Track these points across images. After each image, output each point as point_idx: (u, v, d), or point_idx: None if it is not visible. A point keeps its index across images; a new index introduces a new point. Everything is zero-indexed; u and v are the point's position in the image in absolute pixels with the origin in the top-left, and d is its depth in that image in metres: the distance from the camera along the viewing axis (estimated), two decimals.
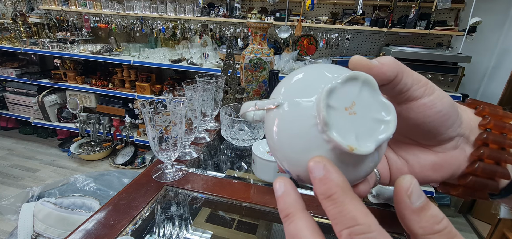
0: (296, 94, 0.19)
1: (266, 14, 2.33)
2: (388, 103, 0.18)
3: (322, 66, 0.20)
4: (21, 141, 2.74)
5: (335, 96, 0.17)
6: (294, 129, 0.19)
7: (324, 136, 0.17)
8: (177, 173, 0.66)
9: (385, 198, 0.58)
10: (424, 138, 0.24)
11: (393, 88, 0.21)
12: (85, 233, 0.49)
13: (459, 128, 0.23)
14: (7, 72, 2.56)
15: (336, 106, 0.17)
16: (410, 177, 0.17)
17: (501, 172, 0.22)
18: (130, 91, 2.42)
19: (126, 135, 2.48)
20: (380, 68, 0.20)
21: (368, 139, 0.18)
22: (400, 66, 0.20)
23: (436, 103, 0.21)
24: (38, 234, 0.94)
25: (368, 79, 0.18)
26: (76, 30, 2.67)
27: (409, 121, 0.23)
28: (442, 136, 0.23)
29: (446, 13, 2.10)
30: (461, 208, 2.03)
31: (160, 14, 2.39)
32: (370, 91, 0.18)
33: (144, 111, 0.57)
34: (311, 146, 0.18)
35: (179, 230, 0.60)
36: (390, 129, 0.18)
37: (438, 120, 0.22)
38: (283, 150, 0.20)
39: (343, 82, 0.18)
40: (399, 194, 0.17)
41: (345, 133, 0.17)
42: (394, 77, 0.20)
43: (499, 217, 1.40)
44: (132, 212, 0.54)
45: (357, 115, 0.18)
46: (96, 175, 1.41)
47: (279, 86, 0.21)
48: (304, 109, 0.18)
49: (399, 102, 0.22)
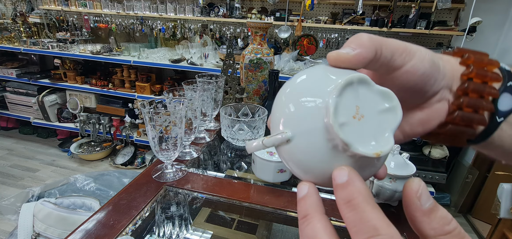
0: (302, 123, 0.19)
1: (266, 14, 2.33)
2: (385, 90, 0.19)
3: (311, 78, 0.20)
4: (21, 141, 2.74)
5: (341, 111, 0.17)
6: (312, 157, 0.19)
7: (347, 153, 0.17)
8: (177, 173, 0.66)
9: (385, 198, 0.58)
10: (411, 100, 0.24)
11: (374, 64, 0.21)
12: (85, 233, 0.49)
13: (442, 81, 0.23)
14: (7, 72, 2.56)
15: (346, 121, 0.17)
16: (418, 180, 0.17)
17: (478, 119, 0.23)
18: (130, 91, 2.42)
19: (126, 135, 2.48)
20: (360, 55, 0.19)
21: (384, 134, 0.18)
22: (377, 42, 0.20)
23: (418, 67, 0.21)
24: (38, 234, 0.94)
25: (360, 78, 0.18)
26: (76, 30, 2.67)
27: (395, 88, 0.23)
28: (427, 94, 0.23)
29: (446, 13, 2.10)
30: (461, 208, 2.03)
31: (160, 14, 2.39)
32: (366, 87, 0.18)
33: (144, 111, 0.57)
34: (333, 163, 0.18)
35: (179, 230, 0.60)
36: (398, 114, 0.19)
37: (422, 81, 0.22)
38: (305, 174, 0.20)
39: (341, 94, 0.17)
40: (408, 196, 0.17)
41: (365, 140, 0.18)
42: (373, 56, 0.20)
43: (499, 217, 1.39)
44: (132, 212, 0.54)
45: (365, 118, 0.18)
46: (96, 175, 1.41)
47: (277, 112, 0.21)
48: (317, 137, 0.18)
49: (383, 75, 0.22)
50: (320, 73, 0.20)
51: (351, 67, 0.20)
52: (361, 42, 0.20)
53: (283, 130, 0.20)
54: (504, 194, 1.33)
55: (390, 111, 0.19)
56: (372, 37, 0.20)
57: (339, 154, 0.18)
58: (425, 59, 0.21)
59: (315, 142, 0.18)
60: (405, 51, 0.21)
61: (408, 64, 0.21)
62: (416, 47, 0.22)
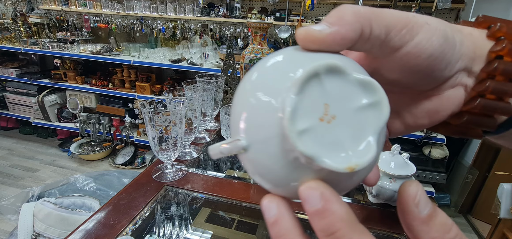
0: (256, 129, 0.15)
1: (266, 14, 2.33)
2: (365, 79, 0.14)
3: (273, 66, 0.16)
4: (21, 141, 2.74)
5: (301, 114, 0.13)
6: (274, 170, 0.15)
7: (313, 167, 0.14)
8: (177, 173, 0.66)
9: (385, 198, 0.58)
10: (414, 86, 0.19)
11: (362, 46, 0.16)
12: (85, 233, 0.49)
13: (458, 63, 0.18)
14: (7, 72, 2.56)
15: (309, 126, 0.13)
16: (415, 184, 0.15)
17: (503, 108, 0.18)
18: (130, 91, 2.42)
19: (126, 135, 2.48)
20: (337, 34, 0.15)
21: (364, 139, 0.14)
22: (364, 17, 0.15)
23: (424, 47, 0.16)
24: (38, 234, 0.95)
25: (329, 66, 0.14)
26: (76, 30, 2.67)
27: (393, 73, 0.19)
28: (437, 79, 0.18)
29: (446, 13, 2.10)
30: (461, 208, 2.03)
31: (160, 14, 2.39)
32: (339, 78, 0.14)
33: (144, 111, 0.57)
34: (299, 178, 0.15)
35: (179, 230, 0.60)
36: (384, 111, 0.14)
37: (429, 65, 0.17)
38: (272, 188, 0.16)
39: (300, 90, 0.13)
40: (405, 203, 0.15)
41: (335, 149, 0.14)
42: (358, 36, 0.15)
43: (499, 217, 1.39)
44: (132, 212, 0.54)
45: (338, 119, 0.14)
46: (96, 175, 1.41)
47: (235, 109, 0.17)
48: (275, 147, 0.14)
49: (378, 57, 0.18)
50: (285, 59, 0.16)
51: (328, 50, 0.16)
52: (341, 16, 0.15)
53: (238, 136, 0.16)
54: (504, 194, 1.34)
55: (373, 108, 0.14)
56: (358, 10, 0.15)
57: (304, 167, 0.14)
58: (434, 35, 0.16)
59: (274, 154, 0.15)
60: (405, 26, 0.16)
61: (410, 44, 0.16)
62: (424, 19, 0.17)
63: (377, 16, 0.16)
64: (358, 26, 0.15)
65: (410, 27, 0.16)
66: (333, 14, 0.16)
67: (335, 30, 0.15)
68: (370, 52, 0.17)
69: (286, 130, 0.13)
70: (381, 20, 0.16)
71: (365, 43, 0.16)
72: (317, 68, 0.14)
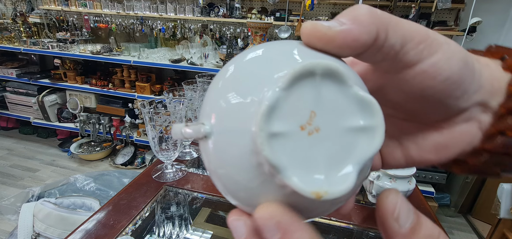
0: (225, 116, 0.13)
1: (266, 14, 2.33)
2: (366, 97, 0.12)
3: (264, 54, 0.14)
4: (21, 141, 2.74)
5: (281, 113, 0.11)
6: (232, 170, 0.13)
7: (276, 181, 0.12)
8: (177, 173, 0.66)
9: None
10: (423, 113, 0.17)
11: (373, 55, 0.14)
12: (85, 233, 0.49)
13: (475, 95, 0.16)
14: (7, 72, 2.56)
15: (284, 131, 0.12)
16: (394, 194, 0.13)
17: None
18: (130, 91, 2.42)
19: (126, 135, 2.48)
20: (348, 34, 0.13)
21: (343, 166, 0.12)
22: (380, 20, 0.13)
23: (441, 68, 0.14)
24: (38, 234, 0.94)
25: (329, 69, 0.12)
26: (76, 30, 2.67)
27: (401, 94, 0.17)
28: (449, 109, 0.16)
29: (446, 13, 2.10)
30: (461, 208, 2.03)
31: (160, 14, 2.39)
32: (337, 86, 0.12)
33: (144, 111, 0.57)
34: (259, 189, 0.13)
35: (179, 230, 0.60)
36: (376, 140, 0.12)
37: (445, 90, 0.15)
38: (228, 195, 0.15)
39: (289, 86, 0.11)
40: (383, 218, 0.13)
41: (308, 168, 0.12)
42: (372, 40, 0.13)
43: (499, 217, 1.39)
44: (132, 212, 0.54)
45: (321, 133, 0.12)
46: (96, 175, 1.41)
47: (210, 90, 0.15)
48: (241, 143, 0.12)
49: (387, 72, 0.16)
50: (282, 48, 0.14)
51: (333, 52, 0.14)
52: (356, 15, 0.13)
53: (203, 120, 0.14)
54: (504, 194, 1.34)
55: (365, 133, 0.12)
56: (375, 12, 0.13)
57: (267, 179, 0.12)
58: (454, 56, 0.14)
59: (237, 151, 0.12)
60: (424, 41, 0.14)
61: (426, 61, 0.14)
62: (444, 38, 0.15)
63: (395, 23, 0.14)
64: (373, 29, 0.13)
65: (429, 43, 0.14)
66: (346, 12, 0.14)
67: (347, 29, 0.13)
68: (380, 65, 0.15)
69: (256, 126, 0.11)
70: (399, 28, 0.14)
71: (377, 53, 0.14)
72: (315, 67, 0.12)
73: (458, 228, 1.91)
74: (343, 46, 0.13)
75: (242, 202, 0.14)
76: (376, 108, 0.12)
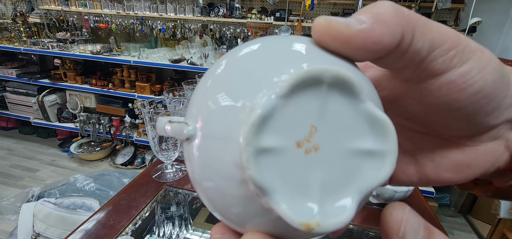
0: (212, 119, 0.11)
1: (266, 14, 2.33)
2: (381, 117, 0.10)
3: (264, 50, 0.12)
4: (21, 141, 2.74)
5: (275, 125, 0.10)
6: (216, 183, 0.12)
7: (263, 203, 0.10)
8: (177, 173, 0.66)
9: (385, 198, 0.58)
10: (446, 129, 0.15)
11: (395, 61, 0.12)
12: (85, 233, 0.49)
13: (507, 111, 0.14)
14: (7, 72, 2.56)
15: (277, 147, 0.10)
16: (399, 210, 0.12)
17: None
18: (130, 91, 2.42)
19: (126, 135, 2.48)
20: (369, 35, 0.11)
21: (342, 194, 0.10)
22: (407, 21, 0.11)
23: (472, 79, 0.12)
24: (38, 234, 0.94)
25: (340, 78, 0.10)
26: (76, 30, 2.67)
27: (421, 106, 0.14)
28: (477, 125, 0.14)
29: (446, 13, 2.10)
30: (461, 208, 2.03)
31: (160, 14, 2.39)
32: (345, 99, 0.10)
33: (144, 111, 0.57)
34: (244, 210, 0.11)
35: (179, 230, 0.60)
36: (385, 169, 0.10)
37: (474, 104, 0.13)
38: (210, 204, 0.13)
39: (289, 94, 0.10)
40: (388, 237, 0.12)
41: (299, 194, 0.10)
42: (396, 43, 0.11)
43: (499, 217, 1.39)
44: (132, 212, 0.54)
45: (321, 152, 0.10)
46: (96, 175, 1.41)
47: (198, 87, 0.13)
48: (226, 154, 0.11)
49: (409, 81, 0.14)
50: (283, 47, 0.12)
51: (348, 55, 0.12)
52: (379, 13, 0.11)
53: (188, 120, 0.12)
54: None
55: (373, 159, 0.11)
56: (401, 10, 0.11)
57: (253, 198, 0.10)
58: (488, 66, 0.12)
59: (221, 161, 0.11)
60: (455, 46, 0.12)
61: (455, 71, 0.12)
62: (477, 45, 0.13)
63: (423, 25, 0.12)
64: (398, 30, 0.11)
65: (460, 49, 0.12)
66: (367, 9, 0.12)
67: (368, 28, 0.11)
68: (401, 73, 0.13)
69: (244, 138, 0.09)
70: (427, 31, 0.12)
71: (400, 58, 0.12)
72: (323, 74, 0.10)
73: (458, 228, 1.91)
74: (361, 49, 0.11)
75: (226, 218, 0.13)
76: (390, 131, 0.10)
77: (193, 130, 0.12)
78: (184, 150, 0.13)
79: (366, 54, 0.12)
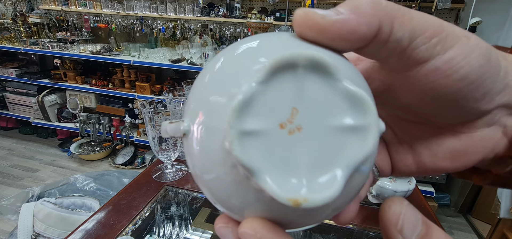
0: (203, 113, 0.12)
1: (266, 14, 2.33)
2: (358, 93, 0.11)
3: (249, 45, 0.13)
4: (21, 141, 2.74)
5: (257, 110, 0.10)
6: (211, 172, 0.12)
7: (253, 184, 0.11)
8: (177, 173, 0.66)
9: (385, 198, 0.58)
10: (438, 116, 0.15)
11: (377, 51, 0.13)
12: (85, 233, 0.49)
13: (499, 96, 0.14)
14: (7, 72, 2.56)
15: (260, 129, 0.10)
16: (397, 204, 0.12)
17: None
18: (130, 91, 2.42)
19: (126, 135, 2.48)
20: (344, 25, 0.11)
21: (328, 170, 0.11)
22: (385, 12, 0.12)
23: (458, 65, 0.12)
24: (38, 234, 0.94)
25: (313, 60, 0.10)
26: (76, 30, 2.67)
27: (411, 95, 0.15)
28: (468, 112, 0.14)
29: (446, 13, 2.10)
30: (461, 208, 2.03)
31: (160, 14, 2.39)
32: (322, 80, 0.11)
33: (144, 111, 0.57)
34: (239, 193, 0.12)
35: (179, 230, 0.60)
36: (368, 142, 0.11)
37: (461, 90, 0.13)
38: (212, 198, 0.14)
39: (267, 80, 0.10)
40: (386, 230, 0.12)
41: (286, 172, 0.10)
42: (373, 34, 0.12)
43: (499, 217, 1.39)
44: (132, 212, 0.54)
45: (304, 132, 0.11)
46: (96, 175, 1.41)
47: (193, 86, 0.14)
48: (217, 143, 0.11)
49: (396, 70, 0.14)
50: (267, 40, 0.13)
51: (327, 45, 0.12)
52: (356, 5, 0.12)
53: (184, 117, 0.13)
54: (504, 194, 1.34)
55: (356, 134, 0.11)
56: (379, 1, 0.12)
57: (245, 182, 0.11)
58: (474, 52, 0.13)
59: (214, 150, 0.11)
60: (437, 34, 0.12)
61: (440, 58, 0.12)
62: (462, 31, 0.13)
63: (402, 15, 0.12)
64: (375, 21, 0.11)
65: (443, 37, 0.12)
66: (347, 2, 0.12)
67: (344, 18, 0.11)
68: (386, 62, 0.14)
69: (227, 122, 0.10)
70: (407, 21, 0.12)
71: (381, 48, 0.12)
72: (296, 58, 0.10)
73: (458, 228, 1.91)
74: (337, 38, 0.12)
75: (227, 208, 0.13)
76: (369, 105, 0.11)
77: (187, 125, 0.12)
78: (184, 147, 0.14)
79: (344, 44, 0.12)
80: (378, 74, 0.17)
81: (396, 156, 0.19)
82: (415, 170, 0.18)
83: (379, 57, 0.13)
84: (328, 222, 0.62)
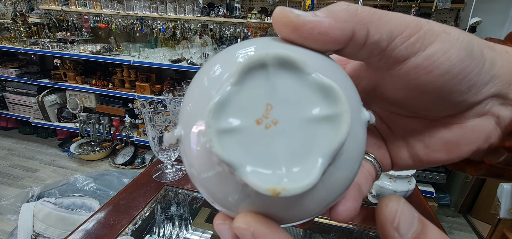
0: (191, 117, 0.13)
1: (266, 14, 2.33)
2: (327, 83, 0.11)
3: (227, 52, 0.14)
4: (21, 141, 2.74)
5: (233, 109, 0.11)
6: (203, 174, 0.13)
7: (237, 179, 0.11)
8: (177, 173, 0.66)
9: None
10: (427, 110, 0.16)
11: (356, 52, 0.13)
12: (85, 233, 0.49)
13: (487, 87, 0.14)
14: (7, 72, 2.56)
15: (237, 127, 0.11)
16: (394, 202, 0.12)
17: None
18: (130, 91, 2.42)
19: (126, 135, 2.48)
20: (316, 27, 0.12)
21: (306, 160, 0.11)
22: (358, 19, 0.12)
23: (438, 61, 0.13)
24: (38, 234, 0.94)
25: (280, 58, 0.11)
26: (76, 30, 2.67)
27: (398, 91, 0.15)
28: (456, 105, 0.14)
29: (446, 13, 2.10)
30: (461, 208, 2.03)
31: (160, 14, 2.39)
32: (292, 75, 0.11)
33: (144, 111, 0.57)
34: (228, 191, 0.12)
35: (179, 230, 0.60)
36: (341, 129, 0.11)
37: (445, 84, 0.13)
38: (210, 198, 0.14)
39: (240, 81, 0.11)
40: (383, 227, 0.12)
41: (266, 164, 0.11)
42: (347, 38, 0.13)
43: (499, 217, 1.39)
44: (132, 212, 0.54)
45: (280, 126, 0.11)
46: (96, 175, 1.41)
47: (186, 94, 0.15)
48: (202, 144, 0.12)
49: (380, 69, 0.15)
50: (247, 44, 0.14)
51: (300, 43, 0.13)
52: (332, 10, 0.13)
53: (178, 125, 0.14)
54: (504, 194, 1.34)
55: (329, 123, 0.11)
56: (354, 9, 0.13)
57: (230, 177, 0.12)
58: (454, 47, 0.13)
59: (201, 151, 0.13)
60: (415, 32, 0.13)
61: (420, 55, 0.13)
62: (442, 27, 0.13)
63: (378, 19, 0.13)
64: (347, 26, 0.12)
65: (421, 34, 0.13)
66: (325, 7, 0.13)
67: (317, 21, 0.12)
68: (369, 62, 0.14)
69: (205, 123, 0.11)
70: (383, 24, 0.13)
71: (360, 50, 0.13)
72: (263, 58, 0.11)
73: (458, 228, 1.91)
74: (309, 38, 0.12)
75: (221, 205, 0.14)
76: (339, 94, 0.11)
77: (178, 131, 0.14)
78: (180, 151, 0.15)
79: (317, 44, 0.13)
80: (365, 73, 0.18)
81: (393, 150, 0.19)
82: (412, 164, 0.18)
83: (360, 58, 0.14)
84: (328, 222, 0.62)
